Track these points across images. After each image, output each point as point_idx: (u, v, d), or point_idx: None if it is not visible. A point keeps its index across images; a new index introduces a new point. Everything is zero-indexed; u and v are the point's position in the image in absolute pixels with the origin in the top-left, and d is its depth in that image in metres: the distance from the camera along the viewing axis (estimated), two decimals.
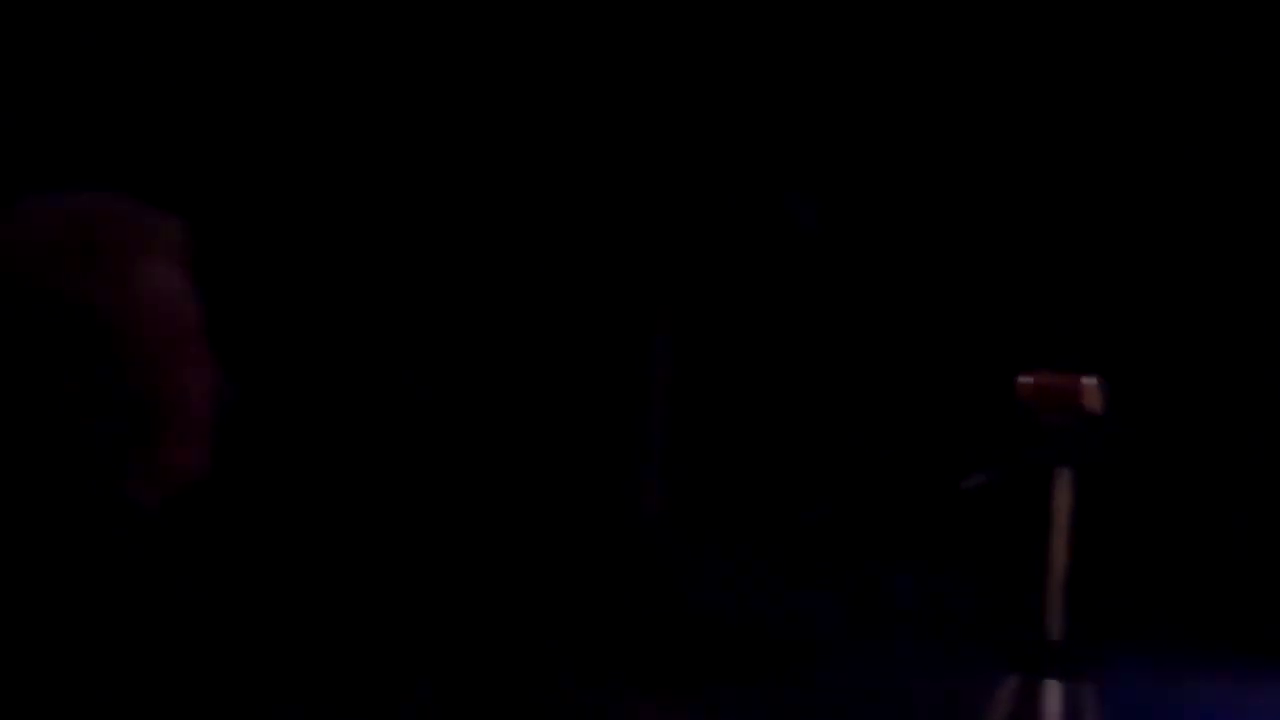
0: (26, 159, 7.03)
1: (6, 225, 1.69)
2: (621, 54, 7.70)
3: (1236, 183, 8.54)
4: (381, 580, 4.69)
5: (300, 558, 4.64)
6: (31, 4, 6.96)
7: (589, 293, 8.60)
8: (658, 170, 8.25)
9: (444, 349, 7.70)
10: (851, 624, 5.52)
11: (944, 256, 6.57)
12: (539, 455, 8.74)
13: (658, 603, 6.93)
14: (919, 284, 6.51)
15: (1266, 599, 8.19)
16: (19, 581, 1.79)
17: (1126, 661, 5.46)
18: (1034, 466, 2.65)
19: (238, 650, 3.08)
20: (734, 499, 9.30)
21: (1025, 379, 2.71)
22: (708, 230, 8.76)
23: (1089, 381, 2.69)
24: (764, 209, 8.43)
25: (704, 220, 8.82)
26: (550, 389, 8.75)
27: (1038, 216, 7.99)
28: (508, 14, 7.64)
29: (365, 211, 7.34)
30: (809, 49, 7.41)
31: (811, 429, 9.22)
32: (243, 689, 3.10)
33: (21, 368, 1.64)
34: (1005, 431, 2.68)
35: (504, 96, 7.82)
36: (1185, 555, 7.88)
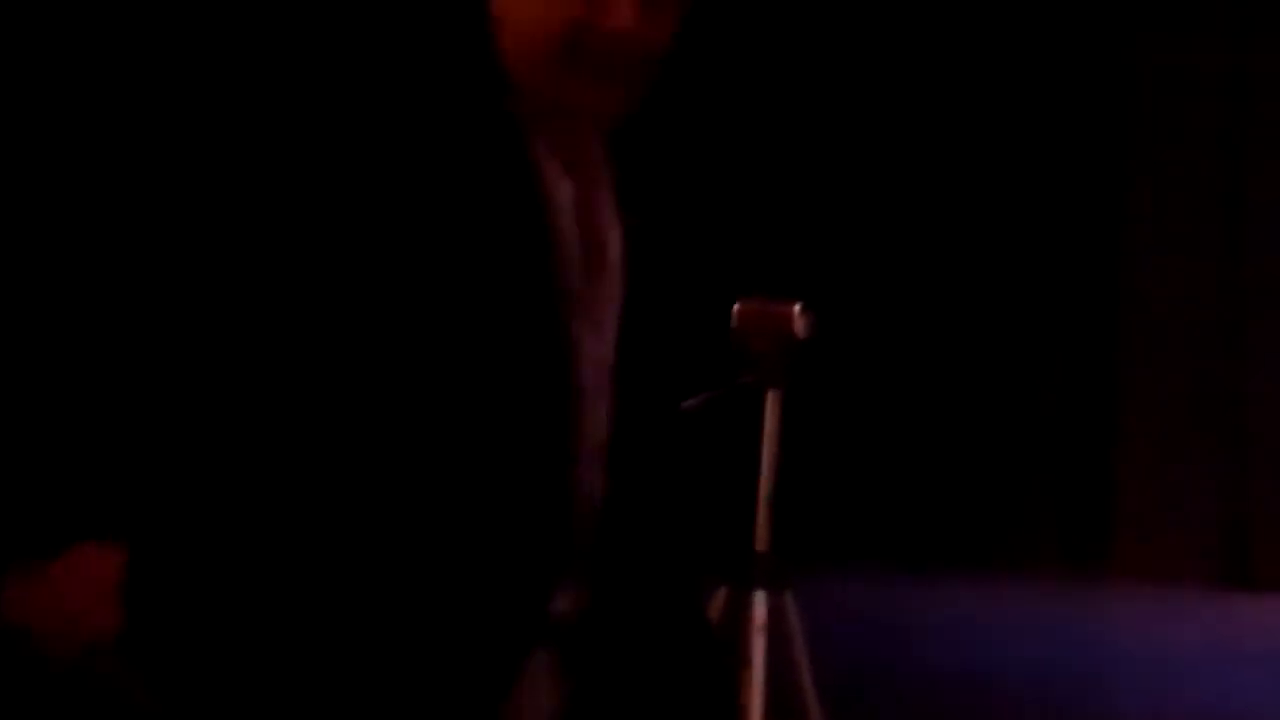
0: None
1: None
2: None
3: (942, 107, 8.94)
4: None
5: None
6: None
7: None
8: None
9: None
10: None
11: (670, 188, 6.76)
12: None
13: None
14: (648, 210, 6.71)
15: (957, 511, 8.69)
16: None
17: (829, 572, 5.79)
18: (746, 388, 2.84)
19: None
20: None
21: (739, 305, 2.91)
22: None
23: (795, 308, 2.88)
24: None
25: None
26: None
27: (751, 146, 8.26)
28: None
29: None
30: None
31: None
32: None
33: None
34: (721, 354, 2.88)
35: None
36: (885, 472, 8.30)
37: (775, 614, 2.96)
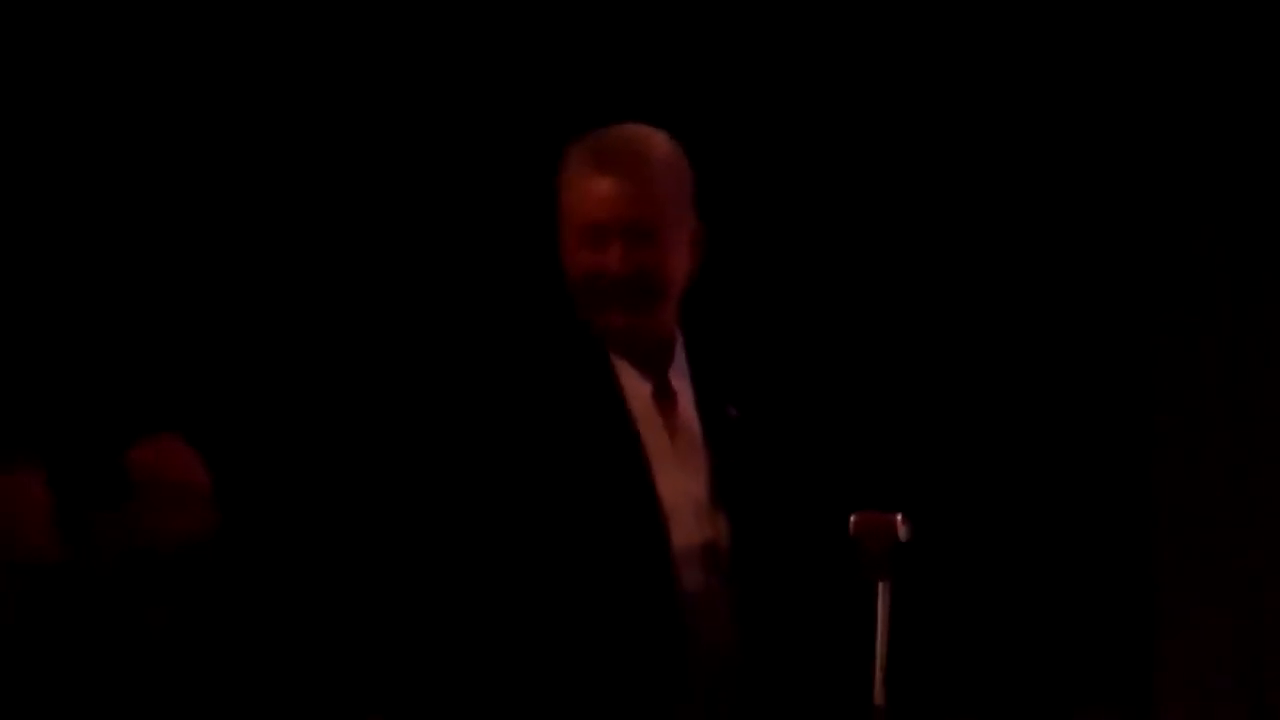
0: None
1: None
2: None
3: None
4: None
5: None
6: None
7: None
8: None
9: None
10: None
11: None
12: None
13: None
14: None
15: (1049, 671, 9.46)
16: None
17: None
18: (864, 580, 3.34)
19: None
20: None
21: (854, 517, 3.35)
22: None
23: (898, 518, 3.35)
24: None
25: None
26: None
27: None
28: None
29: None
30: None
31: None
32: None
33: None
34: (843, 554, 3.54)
35: None
36: (985, 642, 9.07)
37: None
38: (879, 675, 3.23)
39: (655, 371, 3.46)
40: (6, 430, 5.15)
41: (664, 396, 3.47)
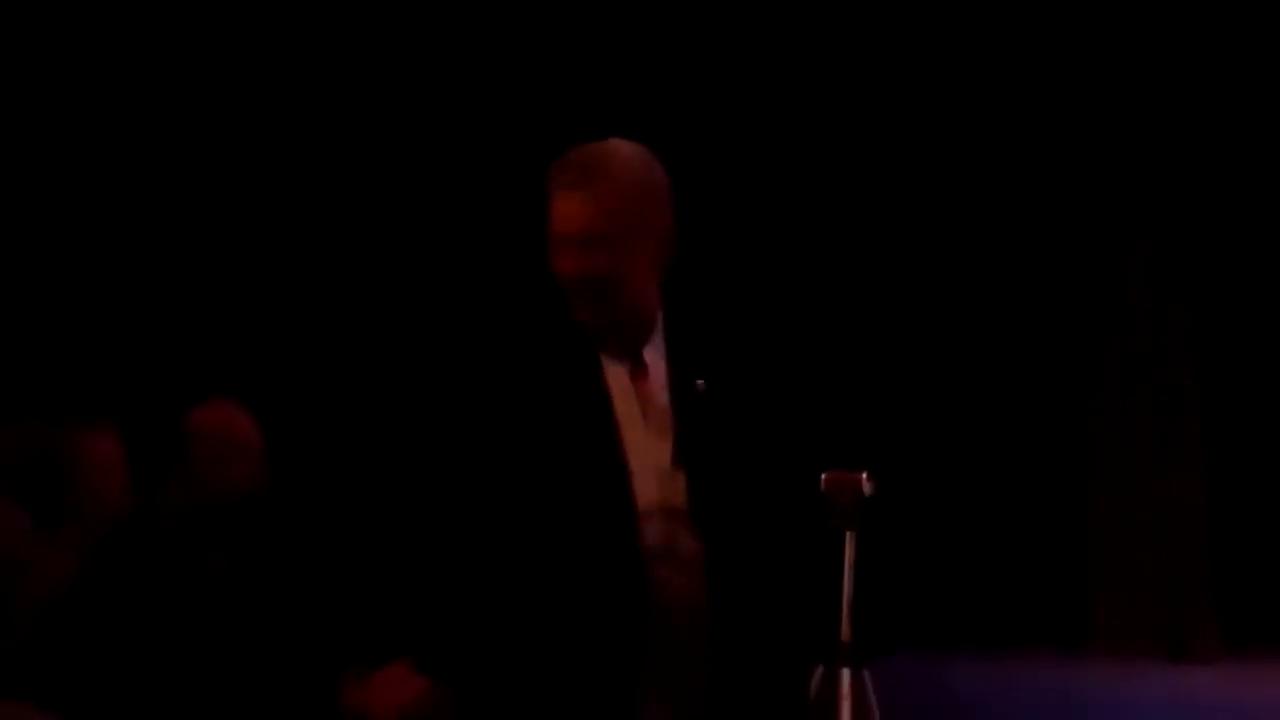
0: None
1: None
2: None
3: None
4: None
5: None
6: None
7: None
8: None
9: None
10: None
11: None
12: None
13: None
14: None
15: (1007, 603, 9.95)
16: None
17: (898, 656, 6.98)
18: (832, 530, 3.61)
19: None
20: None
21: (825, 475, 3.63)
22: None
23: (864, 475, 3.65)
24: None
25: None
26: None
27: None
28: None
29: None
30: None
31: None
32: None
33: None
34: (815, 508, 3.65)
35: None
36: (944, 578, 9.62)
37: (857, 687, 3.53)
38: (845, 613, 3.50)
39: (631, 351, 3.85)
40: (84, 394, 5.56)
41: (639, 372, 3.84)
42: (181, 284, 7.41)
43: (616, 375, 3.70)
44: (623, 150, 3.72)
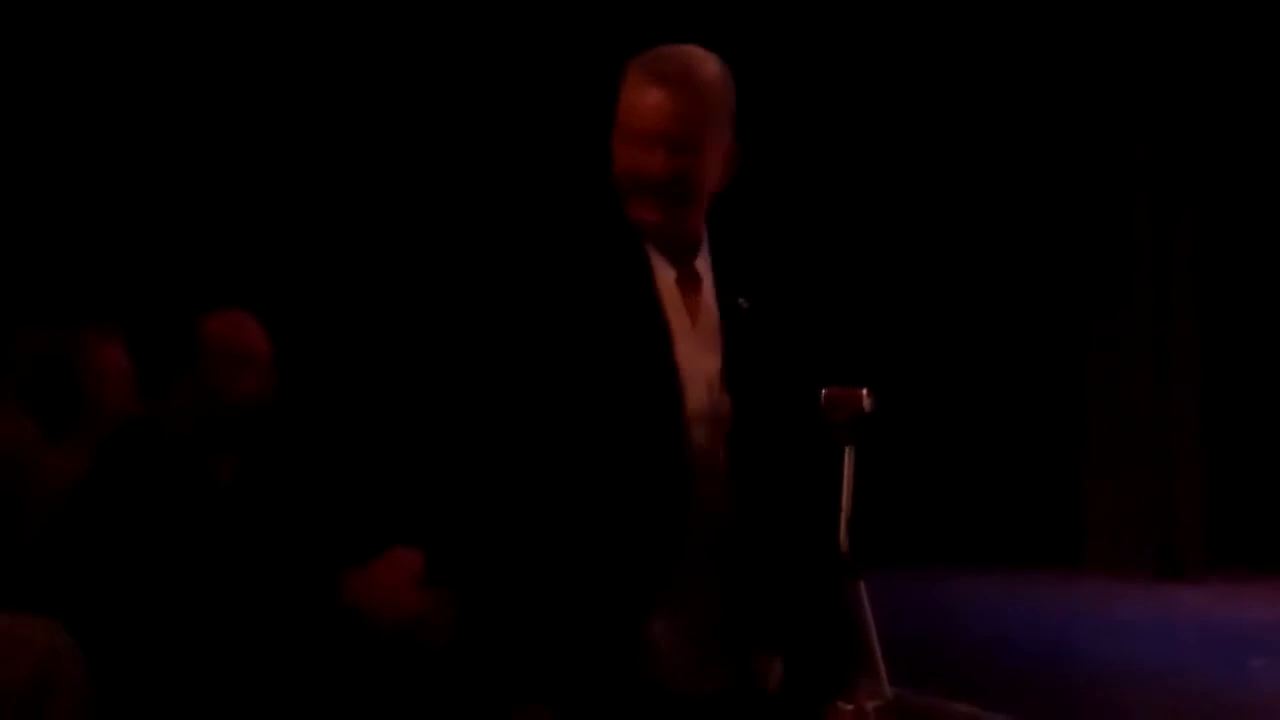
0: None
1: None
2: None
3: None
4: None
5: None
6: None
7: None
8: None
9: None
10: None
11: None
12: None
13: None
14: None
15: (1001, 520, 10.11)
16: None
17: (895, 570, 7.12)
18: (833, 445, 3.66)
19: None
20: None
21: (825, 391, 3.68)
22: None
23: (864, 391, 3.72)
24: None
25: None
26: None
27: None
28: None
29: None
30: None
31: None
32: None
33: None
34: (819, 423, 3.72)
35: None
36: (937, 497, 9.78)
37: (855, 596, 3.59)
38: (844, 525, 3.57)
39: (682, 262, 3.86)
40: (93, 301, 5.59)
41: (689, 283, 3.91)
42: (196, 188, 7.40)
43: (666, 282, 3.69)
44: (709, 56, 3.68)
